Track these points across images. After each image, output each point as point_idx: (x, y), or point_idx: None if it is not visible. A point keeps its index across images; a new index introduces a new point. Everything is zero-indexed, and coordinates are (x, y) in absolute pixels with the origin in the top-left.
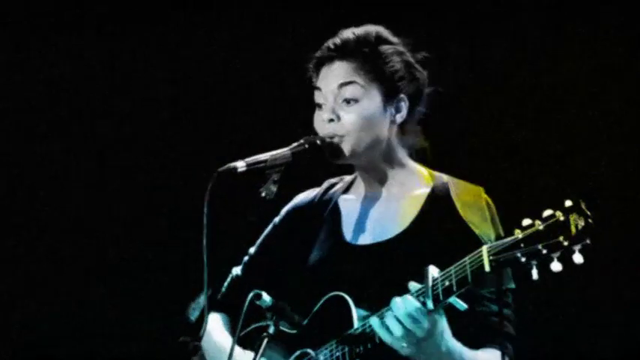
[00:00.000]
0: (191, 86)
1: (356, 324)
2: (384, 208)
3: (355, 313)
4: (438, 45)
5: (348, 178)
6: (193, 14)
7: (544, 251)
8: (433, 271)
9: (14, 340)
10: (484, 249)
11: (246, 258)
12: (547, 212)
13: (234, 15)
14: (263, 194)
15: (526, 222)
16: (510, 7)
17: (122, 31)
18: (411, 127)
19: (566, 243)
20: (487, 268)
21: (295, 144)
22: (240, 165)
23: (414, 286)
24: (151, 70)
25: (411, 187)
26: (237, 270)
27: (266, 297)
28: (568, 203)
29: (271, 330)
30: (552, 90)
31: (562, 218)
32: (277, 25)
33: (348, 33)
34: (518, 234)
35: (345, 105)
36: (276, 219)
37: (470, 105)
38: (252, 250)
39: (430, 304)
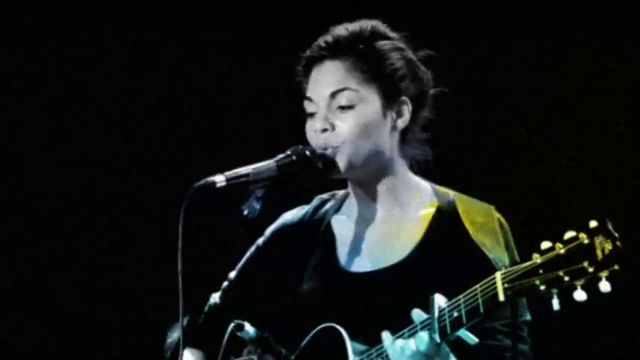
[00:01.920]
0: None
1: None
2: (384, 231)
3: (350, 347)
4: (446, 45)
5: (340, 194)
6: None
7: (566, 278)
8: (439, 301)
9: None
10: (498, 275)
11: (225, 284)
12: (569, 234)
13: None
14: (245, 212)
15: (545, 245)
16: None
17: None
18: (413, 134)
19: (591, 269)
20: (501, 298)
21: (282, 155)
22: (219, 179)
23: (418, 315)
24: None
25: (414, 206)
26: (215, 297)
27: (249, 328)
28: (593, 224)
29: None
30: (577, 102)
31: (586, 241)
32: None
33: (341, 29)
34: (537, 259)
35: (339, 112)
36: (260, 240)
37: (480, 111)
38: (232, 274)
39: (437, 338)
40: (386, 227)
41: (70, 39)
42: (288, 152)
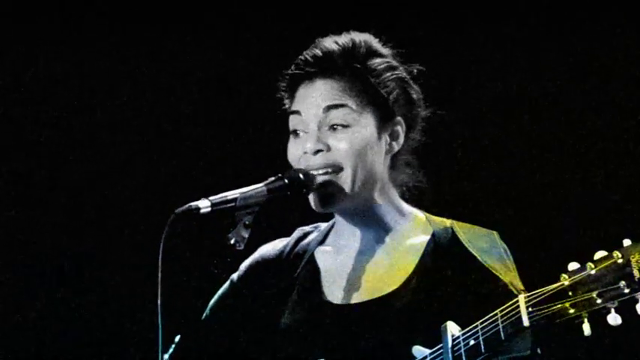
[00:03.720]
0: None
1: None
2: (374, 261)
3: None
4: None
5: (323, 225)
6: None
7: (599, 300)
8: (452, 329)
9: None
10: (521, 298)
11: (195, 322)
12: (600, 254)
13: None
14: (232, 241)
15: (573, 266)
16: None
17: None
18: (403, 158)
19: (628, 290)
20: (525, 322)
21: (272, 179)
22: (204, 205)
23: (420, 352)
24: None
25: (406, 234)
26: (182, 337)
27: None
28: (627, 242)
29: None
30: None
31: (621, 260)
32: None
33: (330, 43)
34: (565, 280)
35: (331, 132)
36: (234, 276)
37: (476, 131)
38: (206, 312)
39: None
40: (376, 257)
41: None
42: (280, 175)
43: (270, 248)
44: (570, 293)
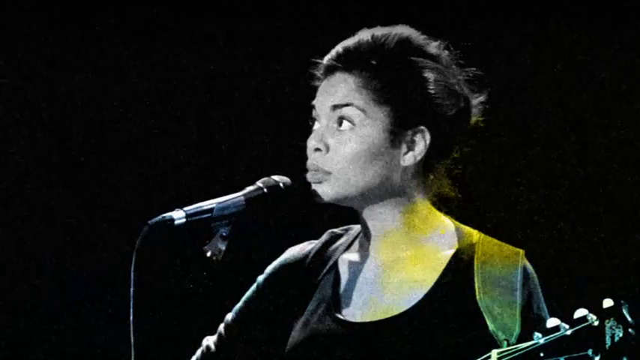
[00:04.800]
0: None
1: None
2: (396, 274)
3: None
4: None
5: (355, 229)
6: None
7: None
8: None
9: None
10: (494, 354)
11: (221, 326)
12: (579, 312)
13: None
14: (209, 254)
15: (551, 323)
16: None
17: None
18: (437, 167)
19: (596, 359)
20: None
21: (251, 188)
22: (178, 216)
23: None
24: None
25: (433, 246)
26: (209, 341)
27: None
28: (607, 303)
29: None
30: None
31: (595, 323)
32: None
33: (365, 35)
34: (539, 339)
35: (337, 131)
36: (260, 278)
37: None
38: (229, 316)
39: None
40: (399, 269)
41: None
42: (259, 184)
43: (296, 251)
44: (542, 354)
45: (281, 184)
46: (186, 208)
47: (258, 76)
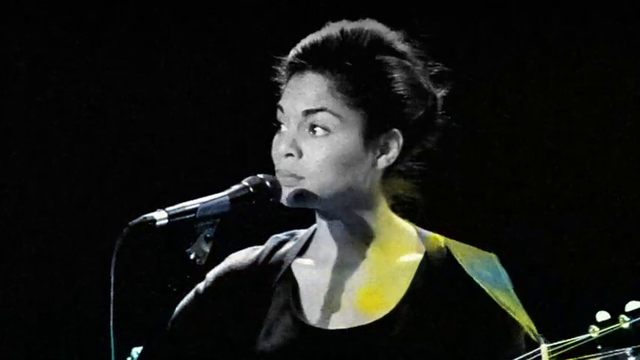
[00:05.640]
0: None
1: None
2: (363, 280)
3: None
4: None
5: (301, 233)
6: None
7: (632, 358)
8: None
9: None
10: (544, 349)
11: (155, 336)
12: (633, 304)
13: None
14: (192, 256)
15: (602, 316)
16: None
17: None
18: (400, 168)
19: None
20: None
21: (236, 187)
22: (160, 217)
23: None
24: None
25: (397, 250)
26: (138, 351)
27: None
28: None
29: None
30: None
31: None
32: None
33: (334, 31)
34: (594, 332)
35: (310, 136)
36: (200, 286)
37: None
38: (168, 325)
39: None
40: (361, 274)
41: None
42: (245, 183)
43: (241, 257)
44: (600, 347)
45: (267, 183)
46: (168, 209)
47: (245, 75)
